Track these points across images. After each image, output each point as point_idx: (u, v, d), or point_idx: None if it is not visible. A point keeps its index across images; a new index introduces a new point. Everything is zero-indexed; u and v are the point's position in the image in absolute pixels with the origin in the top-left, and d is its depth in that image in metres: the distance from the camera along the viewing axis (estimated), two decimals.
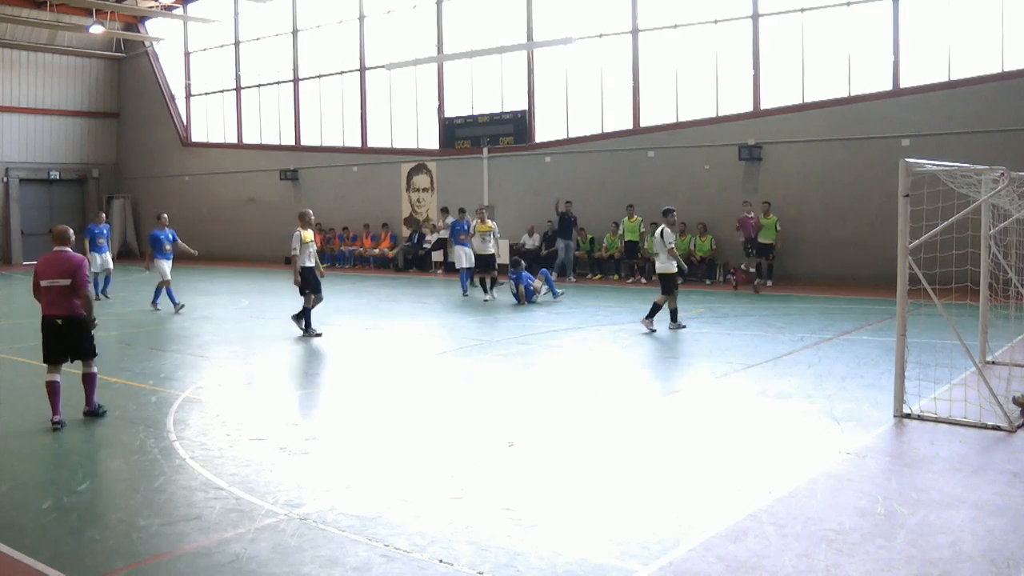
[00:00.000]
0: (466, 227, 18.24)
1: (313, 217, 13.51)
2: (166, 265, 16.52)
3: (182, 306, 16.14)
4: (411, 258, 24.88)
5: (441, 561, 4.73)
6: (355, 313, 15.94)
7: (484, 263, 17.56)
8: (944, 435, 7.00)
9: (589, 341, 12.51)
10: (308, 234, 12.80)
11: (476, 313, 15.36)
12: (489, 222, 17.64)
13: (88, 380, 8.24)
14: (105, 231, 18.76)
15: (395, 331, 13.47)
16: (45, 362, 8.00)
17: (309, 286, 12.93)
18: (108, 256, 18.61)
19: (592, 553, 4.82)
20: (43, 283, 7.95)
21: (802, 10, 19.42)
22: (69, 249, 8.23)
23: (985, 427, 7.12)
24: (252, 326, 14.42)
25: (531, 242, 22.56)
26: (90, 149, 34.05)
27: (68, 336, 7.95)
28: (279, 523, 5.34)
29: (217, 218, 31.05)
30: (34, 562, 4.83)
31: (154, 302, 16.54)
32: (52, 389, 7.95)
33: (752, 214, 18.79)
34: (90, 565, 4.82)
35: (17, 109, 31.46)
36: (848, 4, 18.84)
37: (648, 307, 12.92)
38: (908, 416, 7.47)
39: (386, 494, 5.88)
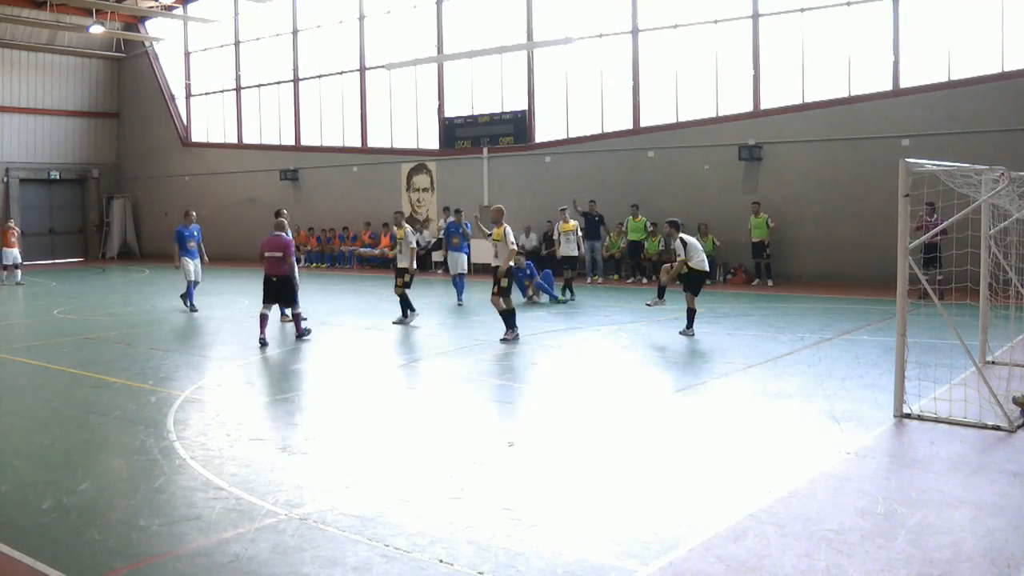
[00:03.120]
0: (462, 229, 17.17)
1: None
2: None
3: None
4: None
5: (441, 561, 4.73)
6: (355, 313, 15.94)
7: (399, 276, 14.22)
8: (944, 435, 6.99)
9: (589, 341, 12.50)
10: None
11: (475, 313, 15.35)
12: (405, 227, 14.39)
13: (295, 318, 12.65)
14: (196, 233, 16.63)
15: (395, 331, 13.46)
16: (263, 303, 12.28)
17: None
18: (199, 263, 16.50)
19: (592, 553, 4.81)
20: (266, 254, 12.37)
21: (802, 10, 19.43)
22: (283, 233, 12.54)
23: (985, 427, 7.11)
24: (252, 326, 14.37)
25: (528, 242, 22.54)
26: (90, 149, 34.07)
27: (278, 289, 12.33)
28: (279, 523, 5.34)
29: (217, 218, 31.01)
30: (34, 562, 4.83)
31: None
32: (263, 319, 12.28)
33: (937, 216, 14.73)
34: (90, 565, 4.81)
35: (17, 109, 31.48)
36: (848, 4, 18.84)
37: (656, 310, 12.89)
38: (908, 416, 7.47)
39: (386, 494, 5.88)
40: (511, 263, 12.13)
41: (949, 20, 17.83)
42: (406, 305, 14.02)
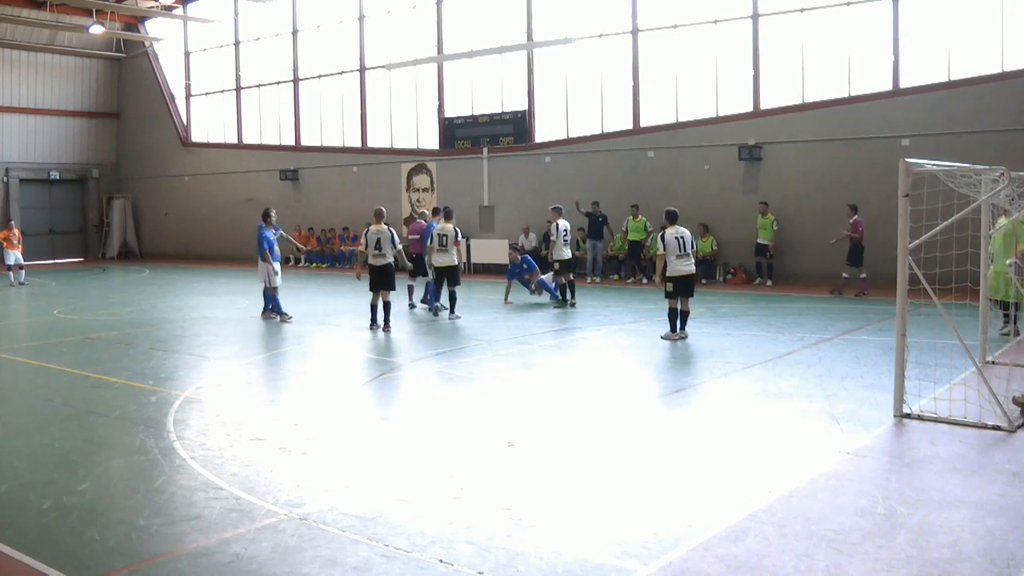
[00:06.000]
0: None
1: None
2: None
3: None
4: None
5: (441, 561, 4.73)
6: (355, 313, 15.90)
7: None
8: (944, 435, 7.00)
9: (589, 341, 12.51)
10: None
11: (475, 313, 15.35)
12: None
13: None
14: (278, 233, 15.25)
15: (394, 331, 13.46)
16: (413, 277, 15.49)
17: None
18: (279, 267, 14.90)
19: (592, 553, 4.81)
20: (410, 237, 15.71)
21: (802, 10, 19.43)
22: (422, 220, 15.40)
23: (985, 427, 7.11)
24: (252, 326, 14.42)
25: (527, 243, 22.54)
26: (90, 149, 34.06)
27: (417, 264, 15.17)
28: (279, 523, 5.34)
29: (217, 218, 31.05)
30: (34, 562, 4.83)
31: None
32: (411, 290, 15.57)
33: (856, 216, 16.80)
34: (90, 565, 4.81)
35: (17, 109, 31.48)
36: (848, 4, 18.84)
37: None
38: (908, 416, 7.47)
39: (386, 494, 5.88)
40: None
41: (949, 20, 17.82)
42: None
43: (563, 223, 15.78)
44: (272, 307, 14.92)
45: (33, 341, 13.48)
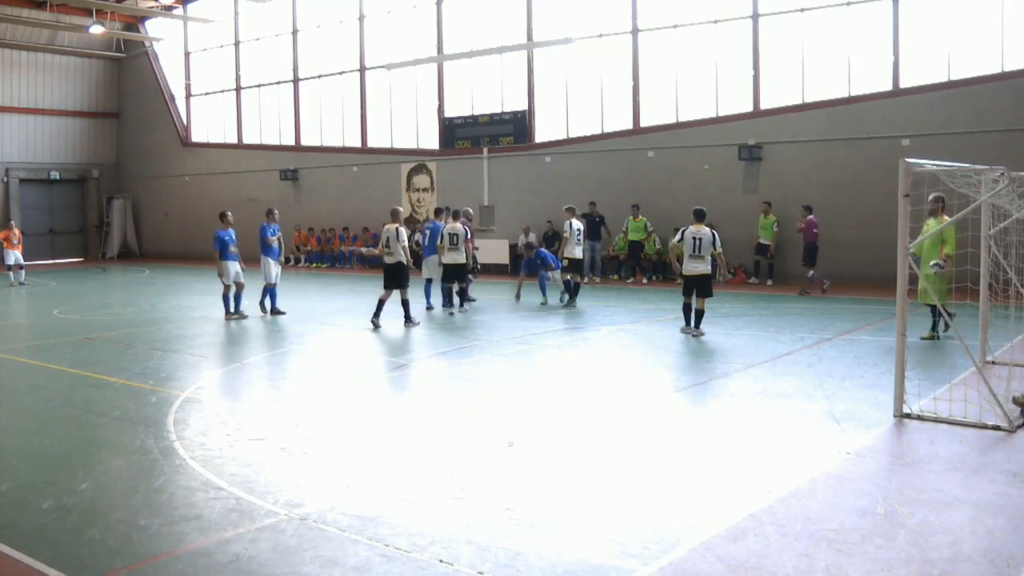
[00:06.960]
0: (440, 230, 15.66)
1: None
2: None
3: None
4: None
5: (441, 561, 4.73)
6: (355, 313, 15.91)
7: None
8: (944, 435, 6.99)
9: (588, 341, 12.51)
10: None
11: (475, 314, 15.35)
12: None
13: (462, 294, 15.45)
14: (274, 231, 15.75)
15: (394, 331, 13.46)
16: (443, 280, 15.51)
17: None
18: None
19: (592, 553, 4.81)
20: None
21: (802, 10, 19.43)
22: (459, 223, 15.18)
23: (985, 427, 7.11)
24: (252, 326, 14.42)
25: (528, 243, 22.50)
26: (90, 149, 34.08)
27: (450, 273, 15.33)
28: (279, 523, 5.34)
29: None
30: (34, 562, 4.83)
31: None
32: (442, 292, 15.49)
33: (811, 216, 17.54)
34: (90, 565, 4.81)
35: (17, 109, 31.49)
36: (848, 4, 18.84)
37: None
38: (908, 416, 7.47)
39: (386, 494, 5.87)
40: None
41: (949, 20, 17.83)
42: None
43: (576, 223, 15.93)
44: (267, 303, 15.60)
45: (33, 341, 13.48)
